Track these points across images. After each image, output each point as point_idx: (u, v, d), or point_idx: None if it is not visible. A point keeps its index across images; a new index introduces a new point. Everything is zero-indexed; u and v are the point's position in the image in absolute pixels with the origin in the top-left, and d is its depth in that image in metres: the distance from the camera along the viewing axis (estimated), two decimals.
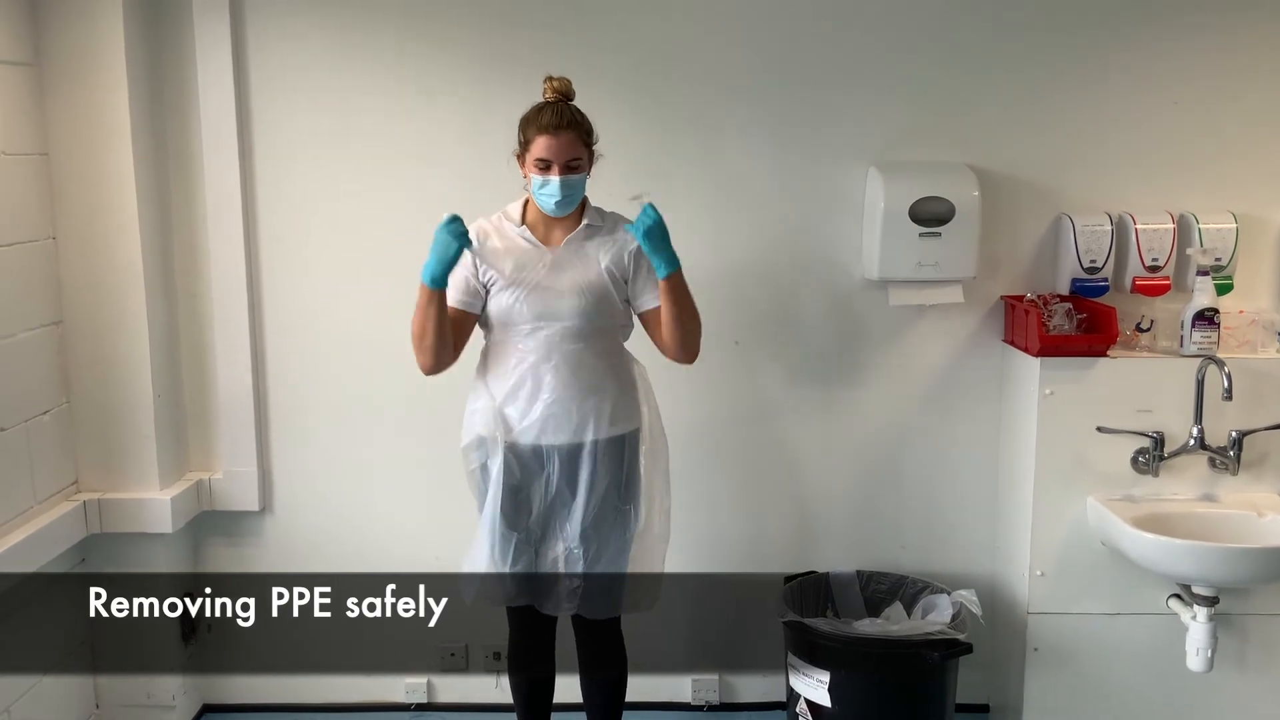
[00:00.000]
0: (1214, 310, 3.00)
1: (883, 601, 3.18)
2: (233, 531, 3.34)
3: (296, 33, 3.12)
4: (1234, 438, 2.98)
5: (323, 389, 3.27)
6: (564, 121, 2.56)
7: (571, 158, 2.57)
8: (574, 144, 2.57)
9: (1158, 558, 2.83)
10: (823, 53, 3.13)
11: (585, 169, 2.61)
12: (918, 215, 3.02)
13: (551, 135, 2.55)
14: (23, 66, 2.92)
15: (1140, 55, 3.12)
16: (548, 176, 2.57)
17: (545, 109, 2.58)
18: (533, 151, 2.58)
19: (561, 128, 2.55)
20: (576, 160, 2.58)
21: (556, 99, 2.60)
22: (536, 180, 2.59)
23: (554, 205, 2.59)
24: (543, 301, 2.60)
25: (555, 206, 2.60)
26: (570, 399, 2.61)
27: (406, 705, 3.41)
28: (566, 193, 2.58)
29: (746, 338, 3.24)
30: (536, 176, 2.58)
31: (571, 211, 2.64)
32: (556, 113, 2.57)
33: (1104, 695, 3.10)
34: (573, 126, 2.57)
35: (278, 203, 3.20)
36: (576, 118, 2.59)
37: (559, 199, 2.58)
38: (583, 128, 2.60)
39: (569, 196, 2.59)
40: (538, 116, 2.58)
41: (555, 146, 2.55)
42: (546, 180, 2.57)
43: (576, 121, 2.59)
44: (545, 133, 2.55)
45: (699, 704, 3.41)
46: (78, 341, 3.08)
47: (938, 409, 3.26)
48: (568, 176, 2.57)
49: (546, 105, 2.59)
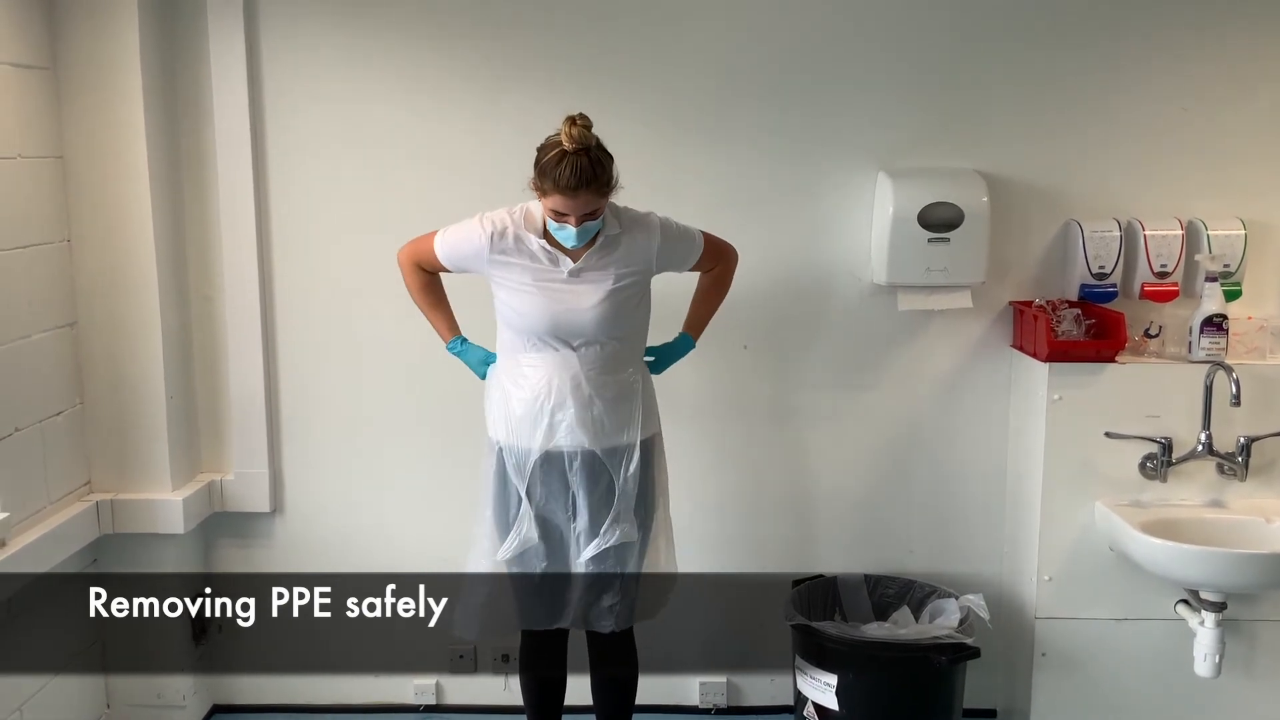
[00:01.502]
0: (1222, 316, 3.00)
1: (890, 605, 3.18)
2: (244, 533, 3.36)
3: (310, 38, 3.14)
4: (1242, 443, 2.98)
5: (335, 391, 3.29)
6: (582, 181, 2.44)
7: (589, 210, 2.51)
8: (591, 200, 2.48)
9: (1166, 563, 2.83)
10: (833, 58, 3.14)
11: (603, 212, 2.56)
12: (927, 220, 3.03)
13: (569, 195, 2.46)
14: (39, 70, 2.94)
15: (1149, 62, 3.12)
16: (565, 224, 2.53)
17: (564, 163, 2.44)
18: (549, 201, 2.50)
19: (580, 188, 2.45)
20: (594, 211, 2.53)
21: (575, 150, 2.44)
22: (553, 224, 2.55)
23: (570, 245, 2.58)
24: (560, 312, 2.59)
25: (571, 245, 2.58)
26: (585, 408, 2.61)
27: (415, 706, 3.42)
28: (583, 237, 2.56)
29: (755, 342, 3.25)
30: (553, 221, 2.55)
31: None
32: (576, 173, 2.43)
33: (1111, 701, 3.10)
34: (591, 184, 2.45)
35: (291, 206, 3.21)
36: (596, 171, 2.46)
37: (575, 242, 2.56)
38: (602, 179, 2.48)
39: (585, 238, 2.57)
40: (555, 171, 2.45)
41: (572, 204, 2.48)
42: (564, 227, 2.54)
43: (595, 176, 2.46)
44: (562, 192, 2.46)
45: (706, 706, 3.41)
46: (91, 343, 3.10)
47: (946, 414, 3.27)
48: (585, 224, 2.54)
49: (565, 158, 2.44)
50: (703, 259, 2.77)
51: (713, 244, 2.79)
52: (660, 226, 2.68)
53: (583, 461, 2.62)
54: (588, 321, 2.59)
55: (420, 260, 2.75)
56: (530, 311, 2.60)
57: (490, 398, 2.73)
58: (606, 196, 2.54)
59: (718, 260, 2.81)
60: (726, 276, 2.85)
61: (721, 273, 2.84)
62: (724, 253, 2.82)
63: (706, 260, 2.78)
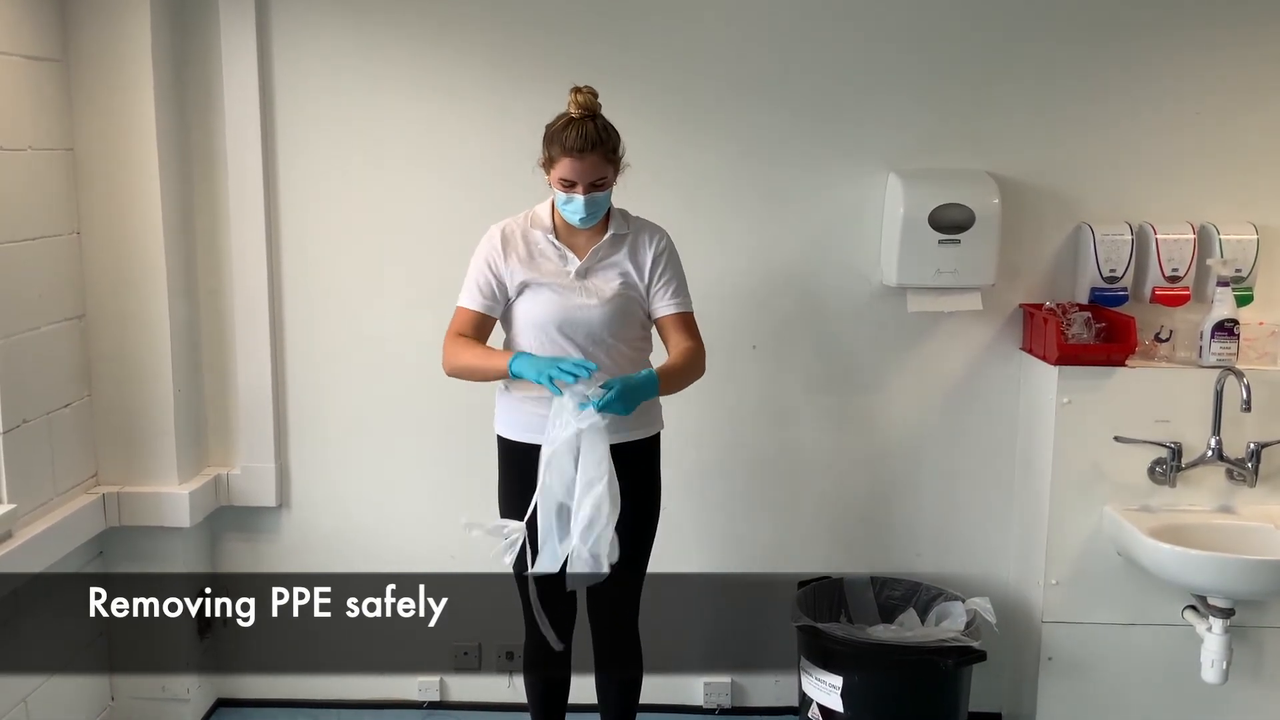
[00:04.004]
0: (1234, 321, 2.99)
1: (897, 608, 3.18)
2: (250, 527, 3.36)
3: (321, 32, 3.14)
4: (1252, 449, 2.97)
5: (342, 386, 3.29)
6: (589, 143, 2.50)
7: (597, 177, 2.54)
8: (599, 164, 2.53)
9: (1174, 569, 2.82)
10: (844, 59, 3.13)
11: (611, 184, 2.59)
12: (937, 222, 3.02)
13: (576, 157, 2.51)
14: (50, 62, 2.94)
15: (1163, 65, 3.11)
16: (572, 194, 2.55)
17: (570, 127, 2.52)
18: (557, 170, 2.55)
19: (586, 150, 2.50)
20: (601, 179, 2.55)
21: (582, 115, 2.53)
22: (561, 196, 2.58)
23: (578, 221, 2.59)
24: (567, 310, 2.59)
25: (579, 222, 2.60)
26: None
27: (419, 704, 3.42)
28: (591, 210, 2.57)
29: (764, 342, 3.24)
30: (561, 193, 2.58)
31: (597, 223, 2.64)
32: (581, 134, 2.50)
33: (1117, 706, 3.09)
34: (598, 147, 2.52)
35: (300, 200, 3.21)
36: (602, 136, 2.52)
37: (583, 215, 2.57)
38: (608, 145, 2.54)
39: (593, 213, 2.58)
40: (562, 135, 2.52)
41: (580, 168, 2.52)
42: (571, 198, 2.56)
43: (602, 140, 2.52)
44: (570, 154, 2.51)
45: (711, 707, 3.41)
46: (100, 336, 3.10)
47: (955, 416, 3.26)
48: (593, 195, 2.55)
49: (571, 123, 2.52)
50: (677, 322, 2.65)
51: (693, 320, 2.69)
52: (667, 238, 2.69)
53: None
54: (595, 319, 2.59)
55: (457, 325, 2.65)
56: (538, 309, 2.61)
57: (499, 396, 2.72)
58: (613, 166, 2.57)
59: (689, 337, 2.66)
60: (696, 364, 2.65)
61: (692, 356, 2.64)
62: (697, 340, 2.67)
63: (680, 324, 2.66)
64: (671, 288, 2.67)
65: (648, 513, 2.74)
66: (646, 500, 2.73)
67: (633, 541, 2.71)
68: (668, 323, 2.66)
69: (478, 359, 2.59)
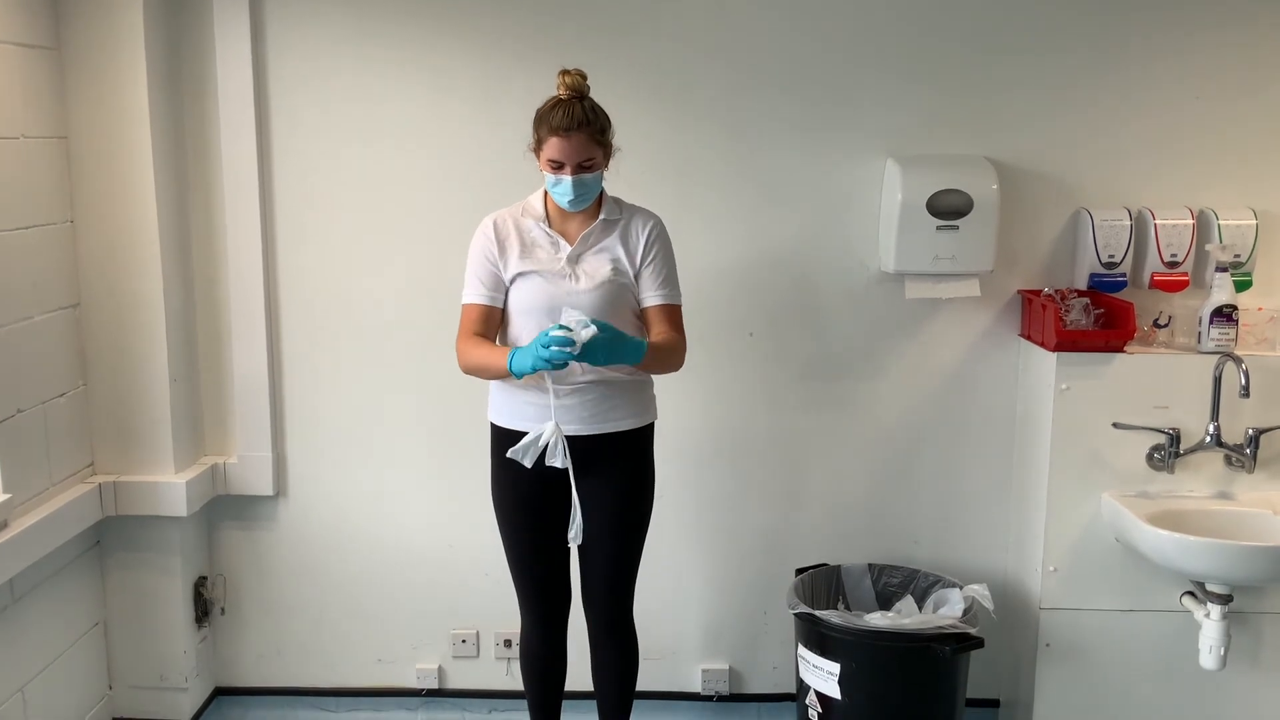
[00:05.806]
0: (1232, 307, 2.98)
1: (894, 595, 3.18)
2: (247, 516, 3.36)
3: (315, 19, 3.13)
4: (1251, 435, 2.97)
5: (338, 374, 3.28)
6: (575, 122, 2.50)
7: (584, 158, 2.53)
8: (587, 144, 2.52)
9: (1172, 555, 2.82)
10: (842, 45, 3.12)
11: (600, 166, 2.58)
12: (935, 208, 3.01)
13: (563, 137, 2.50)
14: (43, 50, 2.92)
15: (1162, 50, 3.10)
16: (560, 176, 2.55)
17: (558, 107, 2.52)
18: (545, 151, 2.54)
19: (573, 129, 2.50)
20: (590, 160, 2.54)
21: (570, 96, 2.53)
22: (550, 178, 2.57)
23: (567, 203, 2.59)
24: (557, 295, 2.58)
25: (569, 204, 2.59)
26: (586, 392, 2.61)
27: (418, 690, 3.42)
28: (580, 191, 2.56)
29: (760, 329, 3.24)
30: (550, 175, 2.57)
31: (587, 207, 2.63)
32: (568, 113, 2.50)
33: (1115, 692, 3.09)
34: (585, 127, 2.51)
35: (295, 189, 3.20)
36: (589, 117, 2.52)
37: (572, 198, 2.57)
38: (595, 126, 2.53)
39: (582, 195, 2.58)
40: (550, 115, 2.52)
41: (567, 148, 2.51)
42: (559, 179, 2.55)
43: (589, 121, 2.52)
44: (556, 134, 2.50)
45: (708, 694, 3.41)
46: (95, 325, 3.10)
47: (953, 403, 3.25)
48: (581, 176, 2.54)
49: (559, 103, 2.52)
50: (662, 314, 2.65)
51: (679, 315, 2.70)
52: (660, 224, 2.69)
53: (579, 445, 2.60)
54: (586, 305, 2.57)
55: (466, 325, 2.66)
56: (529, 295, 2.61)
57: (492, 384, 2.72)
58: (602, 148, 2.56)
59: (674, 329, 2.67)
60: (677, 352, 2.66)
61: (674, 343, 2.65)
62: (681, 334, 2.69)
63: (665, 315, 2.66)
64: (660, 276, 2.66)
65: (640, 503, 2.74)
66: (639, 490, 2.73)
67: (625, 530, 2.72)
68: (653, 314, 2.66)
69: (484, 359, 2.61)
